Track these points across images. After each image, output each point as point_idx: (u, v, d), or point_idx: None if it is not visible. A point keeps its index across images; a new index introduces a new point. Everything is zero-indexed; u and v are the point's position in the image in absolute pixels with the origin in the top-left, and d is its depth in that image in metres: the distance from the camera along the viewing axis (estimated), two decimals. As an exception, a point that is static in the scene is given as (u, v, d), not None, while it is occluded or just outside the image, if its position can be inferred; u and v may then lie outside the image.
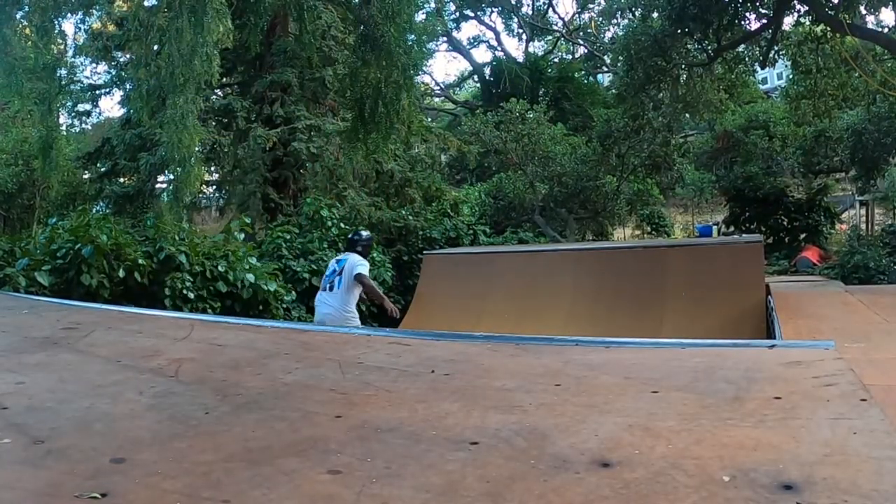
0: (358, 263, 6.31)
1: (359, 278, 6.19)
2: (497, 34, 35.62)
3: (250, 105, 14.61)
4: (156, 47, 10.03)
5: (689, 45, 14.78)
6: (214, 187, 17.82)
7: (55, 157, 12.51)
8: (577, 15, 34.53)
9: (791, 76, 16.49)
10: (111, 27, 15.74)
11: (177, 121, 8.75)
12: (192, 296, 7.63)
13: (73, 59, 16.54)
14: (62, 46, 13.56)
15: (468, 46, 36.35)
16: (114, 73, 17.63)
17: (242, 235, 9.39)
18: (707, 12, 12.88)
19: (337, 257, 6.79)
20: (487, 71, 34.74)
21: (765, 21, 13.76)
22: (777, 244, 17.87)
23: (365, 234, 6.90)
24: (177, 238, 8.10)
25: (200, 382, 2.10)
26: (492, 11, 34.28)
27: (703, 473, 1.10)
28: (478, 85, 37.26)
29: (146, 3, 11.14)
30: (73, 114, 19.85)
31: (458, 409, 1.62)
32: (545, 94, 30.17)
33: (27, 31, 10.88)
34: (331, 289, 6.31)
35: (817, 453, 1.16)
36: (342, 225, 12.05)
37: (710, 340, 2.49)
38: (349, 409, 1.67)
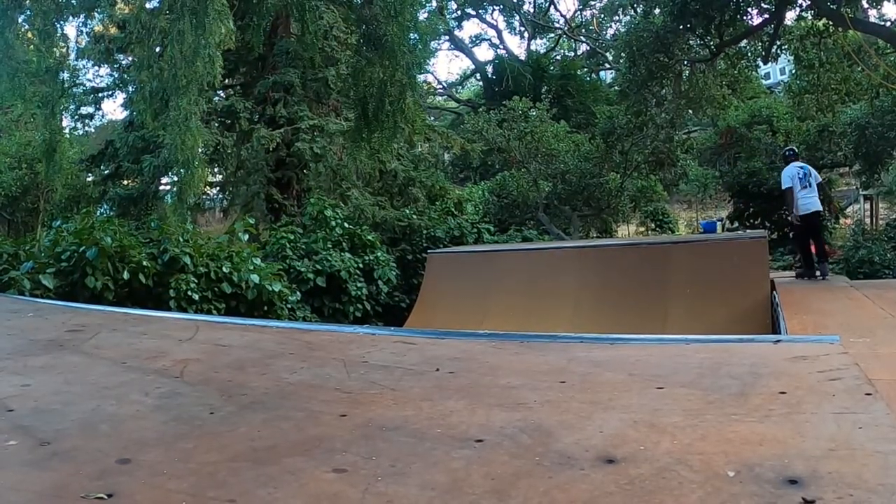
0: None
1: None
2: (499, 32, 35.62)
3: (253, 106, 14.62)
4: (158, 49, 10.03)
5: (691, 41, 14.72)
6: (218, 188, 17.83)
7: (58, 160, 12.52)
8: (578, 12, 34.51)
9: (794, 71, 16.41)
10: (113, 30, 15.75)
11: (180, 122, 8.75)
12: (196, 297, 7.63)
13: (75, 62, 16.55)
14: (64, 49, 13.59)
15: (470, 45, 36.38)
16: (116, 75, 17.64)
17: (246, 236, 9.40)
18: (709, 8, 12.83)
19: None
20: (490, 69, 34.72)
21: (767, 16, 13.70)
22: (781, 239, 17.79)
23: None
24: (181, 240, 8.11)
25: (206, 383, 2.10)
26: (493, 10, 34.28)
27: (708, 469, 1.10)
28: (480, 83, 37.23)
29: (148, 6, 11.15)
30: (76, 117, 19.85)
31: (462, 407, 1.62)
32: (547, 91, 30.01)
33: (29, 34, 10.90)
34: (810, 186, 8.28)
35: (822, 448, 1.16)
36: (346, 225, 12.03)
37: (714, 336, 2.48)
38: (354, 408, 1.67)
